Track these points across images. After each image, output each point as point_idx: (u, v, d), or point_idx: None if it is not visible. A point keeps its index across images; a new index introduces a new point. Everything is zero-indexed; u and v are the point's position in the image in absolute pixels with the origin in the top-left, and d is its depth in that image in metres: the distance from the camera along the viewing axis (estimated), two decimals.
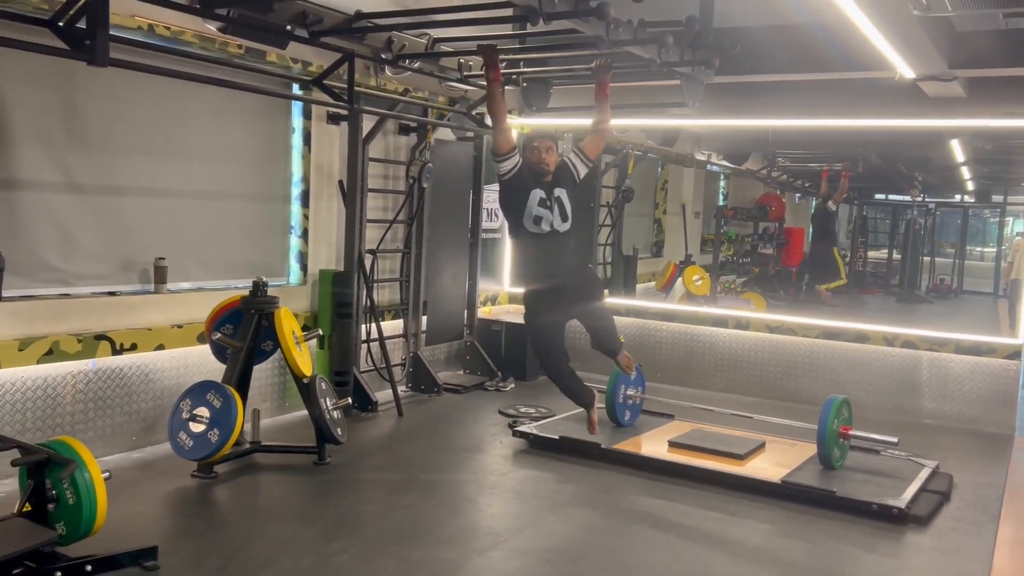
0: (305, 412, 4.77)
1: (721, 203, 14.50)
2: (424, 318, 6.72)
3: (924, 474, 4.71)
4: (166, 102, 4.93)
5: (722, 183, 14.81)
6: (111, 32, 3.14)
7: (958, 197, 17.27)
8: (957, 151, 9.78)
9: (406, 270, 6.64)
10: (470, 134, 6.95)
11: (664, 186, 11.89)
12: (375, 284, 6.21)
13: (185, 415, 4.35)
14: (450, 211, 6.98)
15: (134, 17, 4.31)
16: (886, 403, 6.43)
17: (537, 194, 4.57)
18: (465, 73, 5.84)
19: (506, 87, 5.73)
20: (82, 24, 3.04)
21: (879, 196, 17.91)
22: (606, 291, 5.46)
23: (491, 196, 7.48)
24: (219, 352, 4.76)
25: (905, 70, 4.99)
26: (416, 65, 5.73)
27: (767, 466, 4.82)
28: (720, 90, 5.78)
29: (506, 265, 8.06)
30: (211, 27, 4.59)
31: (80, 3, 2.79)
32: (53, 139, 4.43)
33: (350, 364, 5.77)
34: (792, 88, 6.27)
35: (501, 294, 8.03)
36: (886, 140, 9.42)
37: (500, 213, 7.67)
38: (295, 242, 5.90)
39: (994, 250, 18.75)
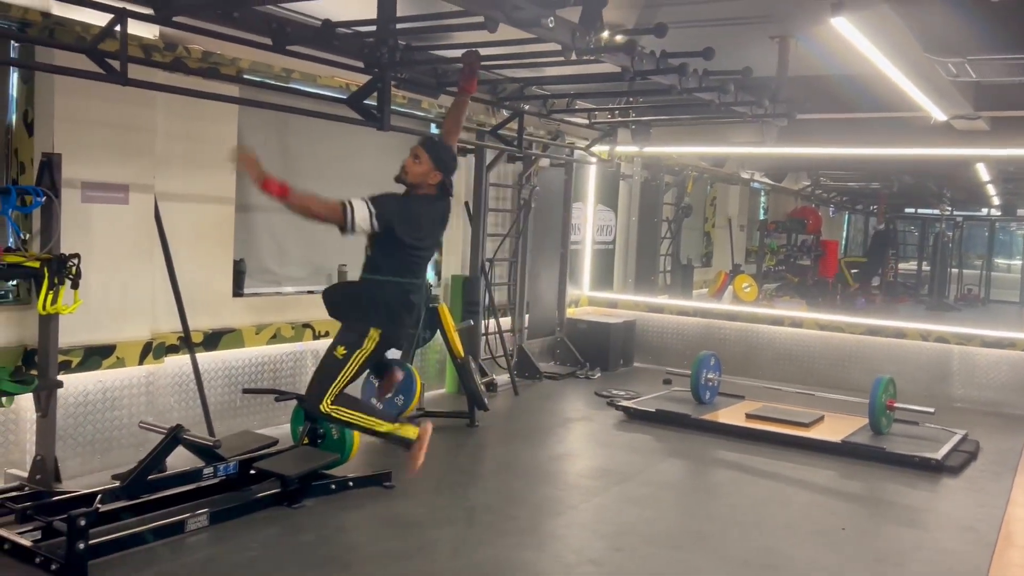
0: (443, 389, 6.02)
1: (762, 217, 15.65)
2: (527, 316, 7.98)
3: (955, 439, 5.86)
4: (342, 141, 6.21)
5: (762, 198, 15.97)
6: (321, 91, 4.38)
7: (985, 211, 18.23)
8: (983, 172, 10.89)
9: (513, 276, 7.90)
10: (562, 162, 8.22)
11: (713, 202, 13.08)
12: (492, 287, 7.47)
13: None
14: (546, 226, 8.24)
15: (334, 78, 5.61)
16: (922, 390, 7.54)
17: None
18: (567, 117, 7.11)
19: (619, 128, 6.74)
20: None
21: (908, 210, 18.95)
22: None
23: (577, 213, 8.75)
24: None
25: (937, 114, 6.19)
26: (526, 107, 7.00)
27: (827, 432, 5.99)
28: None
29: (586, 272, 9.29)
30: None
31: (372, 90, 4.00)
32: (273, 170, 5.73)
33: (478, 352, 7.02)
34: (840, 123, 7.48)
35: (582, 298, 9.26)
36: (918, 162, 10.55)
37: (583, 226, 9.02)
38: None
39: (1020, 262, 19.68)
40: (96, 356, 4.45)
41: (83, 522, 3.24)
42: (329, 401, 3.87)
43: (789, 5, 4.27)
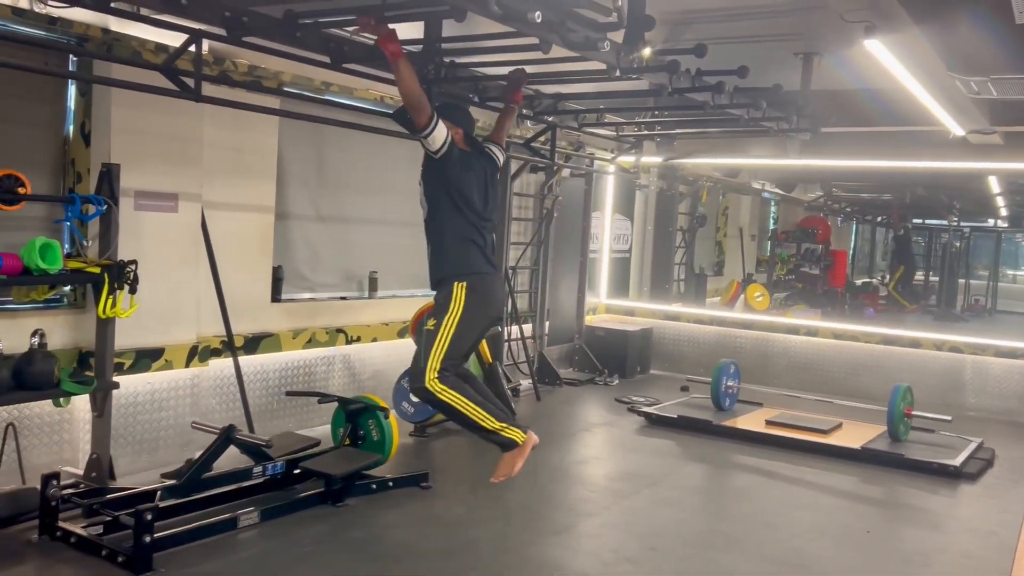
0: None
1: (772, 226, 15.82)
2: (547, 323, 8.13)
3: (972, 446, 6.00)
4: (375, 153, 6.38)
5: (772, 208, 16.13)
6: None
7: (992, 222, 18.39)
8: (993, 184, 11.05)
9: (534, 283, 8.06)
10: (582, 172, 8.38)
11: (724, 212, 13.24)
12: (515, 295, 7.63)
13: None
14: (566, 235, 8.40)
15: (368, 91, 5.78)
16: (936, 399, 7.67)
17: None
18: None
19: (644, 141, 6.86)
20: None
21: (916, 220, 19.12)
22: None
23: (595, 222, 8.92)
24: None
25: (956, 129, 6.35)
26: (550, 119, 7.17)
27: (846, 439, 6.13)
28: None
29: (603, 280, 9.45)
30: None
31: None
32: (309, 183, 5.91)
33: (502, 358, 7.17)
34: (859, 136, 7.64)
35: (600, 306, 9.41)
36: (932, 174, 10.71)
37: (600, 235, 9.17)
38: None
39: None
40: (146, 359, 4.61)
41: (149, 516, 3.39)
42: (432, 377, 3.65)
43: (821, 27, 4.42)
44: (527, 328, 7.96)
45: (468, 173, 3.92)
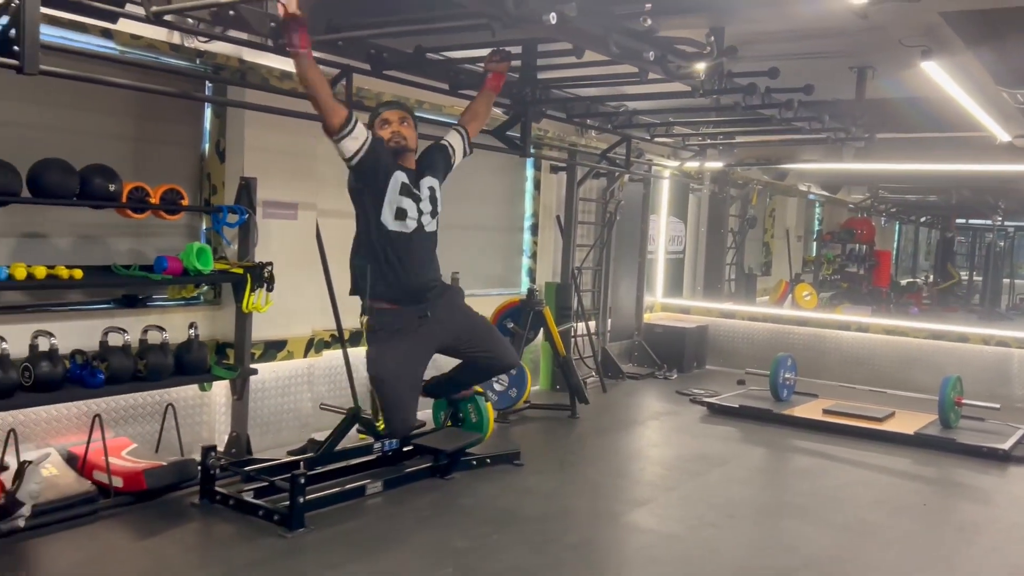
0: (537, 386, 6.66)
1: (817, 227, 16.14)
2: (609, 320, 8.63)
3: (1020, 433, 6.37)
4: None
5: (817, 209, 16.45)
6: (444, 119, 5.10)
7: None
8: None
9: (597, 283, 8.57)
10: (640, 177, 8.87)
11: (771, 214, 13.62)
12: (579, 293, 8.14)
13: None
14: (625, 237, 8.90)
15: (454, 107, 6.33)
16: (983, 391, 7.94)
17: (399, 178, 3.92)
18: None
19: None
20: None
21: (959, 220, 19.23)
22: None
23: (651, 224, 9.40)
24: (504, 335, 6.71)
25: (1002, 136, 6.74)
26: (606, 126, 7.69)
27: (900, 426, 6.54)
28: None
29: (659, 280, 9.93)
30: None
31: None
32: None
33: (570, 353, 7.68)
34: (907, 141, 8.04)
35: (656, 304, 9.89)
36: (979, 177, 11.02)
37: (657, 237, 9.66)
38: (526, 261, 7.88)
39: None
40: (273, 349, 5.20)
41: (303, 480, 3.96)
42: None
43: (879, 50, 4.86)
44: (591, 325, 8.47)
45: None
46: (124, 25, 3.99)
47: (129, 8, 3.51)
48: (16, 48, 2.66)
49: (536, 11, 2.67)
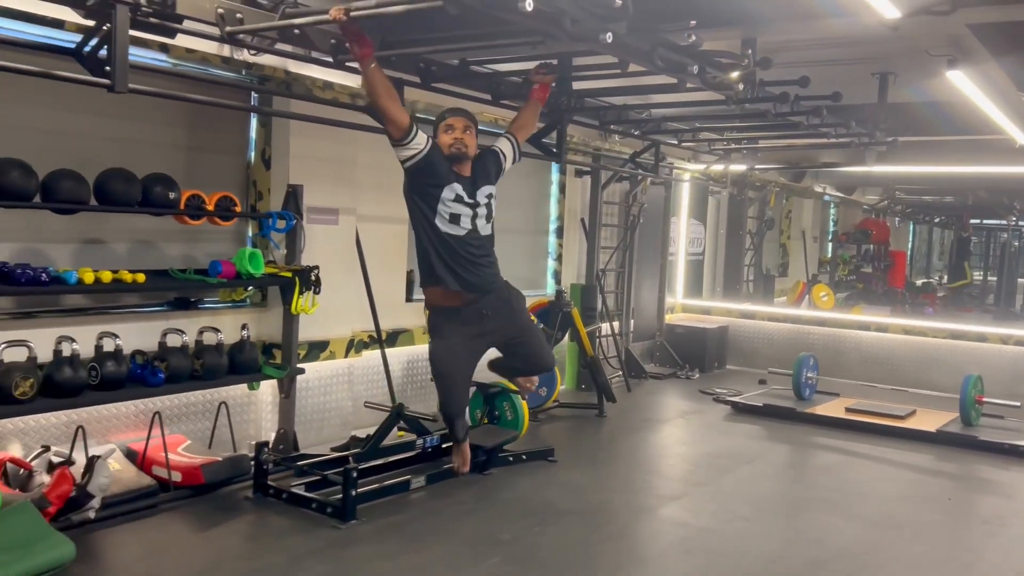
0: (563, 385, 6.84)
1: (832, 228, 16.25)
2: (632, 321, 8.80)
3: None
4: None
5: (832, 211, 16.56)
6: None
7: None
8: None
9: (620, 284, 8.73)
10: (661, 180, 9.02)
11: (788, 215, 13.76)
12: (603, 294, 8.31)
13: None
14: (646, 239, 9.06)
15: (484, 113, 6.51)
16: (1002, 390, 8.03)
17: (454, 188, 4.08)
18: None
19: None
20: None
21: (973, 220, 19.28)
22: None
23: (672, 226, 9.56)
24: None
25: (1021, 139, 6.88)
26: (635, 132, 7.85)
27: (921, 424, 6.68)
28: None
29: (680, 281, 10.08)
30: None
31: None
32: None
33: (596, 353, 7.85)
34: (925, 144, 8.17)
35: (676, 305, 10.05)
36: (996, 178, 11.12)
37: (677, 238, 9.82)
38: (551, 263, 8.06)
39: None
40: (316, 350, 5.39)
41: (355, 474, 4.14)
42: None
43: (905, 59, 5.01)
44: (615, 326, 8.63)
45: None
46: (180, 39, 4.18)
47: (200, 27, 3.68)
48: (108, 68, 2.84)
49: (592, 30, 2.85)
